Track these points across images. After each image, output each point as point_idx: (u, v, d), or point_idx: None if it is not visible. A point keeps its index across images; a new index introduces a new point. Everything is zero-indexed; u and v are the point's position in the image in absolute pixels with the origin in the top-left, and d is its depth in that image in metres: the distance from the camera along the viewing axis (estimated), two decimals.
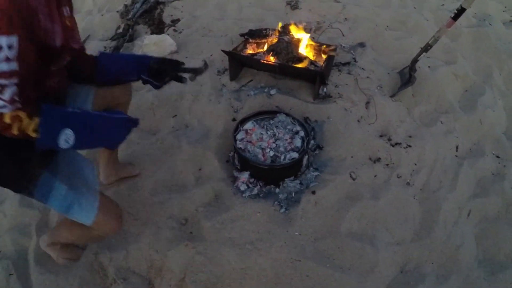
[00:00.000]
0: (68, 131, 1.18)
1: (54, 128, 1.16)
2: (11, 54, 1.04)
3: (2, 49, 1.02)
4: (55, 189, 1.38)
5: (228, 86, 2.69)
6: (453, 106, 2.56)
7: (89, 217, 1.43)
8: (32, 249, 1.97)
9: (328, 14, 3.36)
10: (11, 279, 1.89)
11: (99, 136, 1.30)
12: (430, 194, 2.07)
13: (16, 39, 1.05)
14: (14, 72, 1.06)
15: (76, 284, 1.78)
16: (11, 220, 2.16)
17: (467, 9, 2.21)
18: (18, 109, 1.09)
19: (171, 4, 3.65)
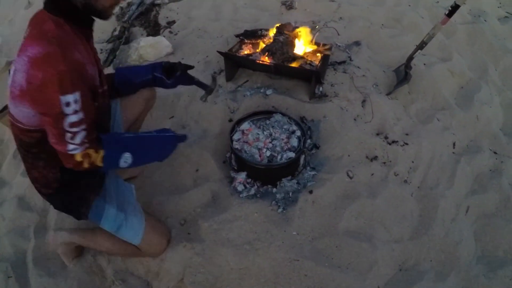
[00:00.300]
0: (127, 154, 1.46)
1: (116, 155, 1.44)
2: (78, 107, 1.25)
3: (70, 104, 1.22)
4: (106, 211, 1.60)
5: (224, 87, 2.69)
6: (449, 103, 2.56)
7: (136, 236, 1.65)
8: (31, 252, 1.97)
9: (323, 14, 3.36)
10: (9, 282, 1.89)
11: (151, 153, 1.59)
12: (428, 191, 2.07)
13: (78, 94, 1.24)
14: (81, 120, 1.28)
15: (75, 286, 1.79)
16: (10, 223, 2.16)
17: (461, 6, 2.21)
18: (87, 148, 1.33)
19: (166, 6, 3.65)
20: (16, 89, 1.25)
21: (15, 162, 2.57)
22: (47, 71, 1.18)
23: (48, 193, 1.55)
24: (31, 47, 1.22)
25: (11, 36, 3.89)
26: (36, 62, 1.20)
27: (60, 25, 1.28)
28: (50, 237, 1.84)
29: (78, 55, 1.30)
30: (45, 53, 1.20)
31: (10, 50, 3.72)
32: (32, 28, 1.31)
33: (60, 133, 1.27)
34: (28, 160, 1.48)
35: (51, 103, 1.21)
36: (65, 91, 1.21)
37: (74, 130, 1.28)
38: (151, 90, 1.97)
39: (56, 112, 1.23)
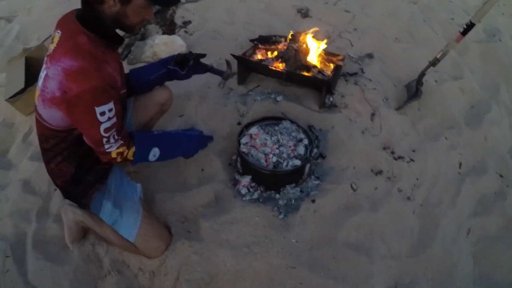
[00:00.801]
0: (155, 149, 1.66)
1: (146, 150, 1.64)
2: (111, 114, 1.40)
3: (105, 113, 1.37)
4: (103, 205, 1.71)
5: (236, 90, 2.71)
6: (458, 121, 2.56)
7: (130, 234, 1.72)
8: (31, 235, 2.00)
9: (338, 24, 3.37)
10: (7, 261, 1.92)
11: (177, 149, 1.81)
12: (430, 209, 2.07)
13: (112, 103, 1.39)
14: (114, 124, 1.44)
15: (71, 272, 1.81)
16: (13, 205, 2.20)
17: (476, 24, 2.20)
18: (121, 145, 1.51)
19: (183, 6, 3.68)
20: (48, 94, 1.37)
21: (23, 146, 2.61)
22: (82, 85, 1.30)
23: (60, 184, 1.71)
24: (65, 59, 1.31)
25: (29, 24, 3.95)
26: (71, 75, 1.30)
27: (92, 40, 1.38)
28: (63, 210, 1.88)
29: (109, 68, 1.41)
30: (80, 68, 1.30)
31: (27, 38, 3.78)
32: (63, 37, 1.40)
33: (96, 137, 1.44)
34: (49, 153, 1.61)
35: (87, 113, 1.35)
36: (100, 102, 1.35)
37: (108, 134, 1.44)
38: (166, 94, 2.04)
39: (91, 120, 1.37)
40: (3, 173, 2.44)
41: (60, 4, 4.12)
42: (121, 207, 1.72)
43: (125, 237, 1.72)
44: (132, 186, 1.83)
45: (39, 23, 3.91)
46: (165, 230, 1.86)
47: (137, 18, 1.46)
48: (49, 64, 1.36)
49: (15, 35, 3.82)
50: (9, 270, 1.89)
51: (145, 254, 1.79)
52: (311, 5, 3.61)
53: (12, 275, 1.87)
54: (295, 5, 3.61)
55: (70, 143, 1.56)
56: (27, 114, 2.84)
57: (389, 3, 3.66)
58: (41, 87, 1.42)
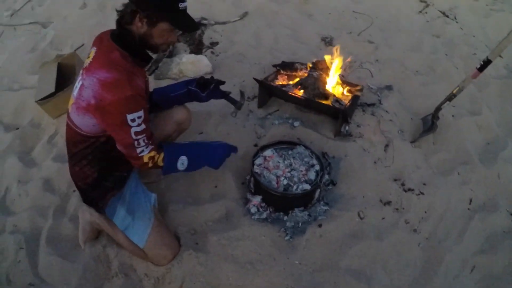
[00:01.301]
0: (183, 157, 1.79)
1: (174, 157, 1.77)
2: (141, 120, 1.57)
3: (135, 120, 1.55)
4: (117, 211, 1.85)
5: (255, 113, 2.83)
6: (472, 157, 2.57)
7: (140, 240, 1.84)
8: (46, 230, 2.14)
9: (360, 54, 3.45)
10: (20, 253, 2.07)
11: (204, 159, 1.90)
12: (436, 243, 2.09)
13: (142, 111, 1.57)
14: (144, 130, 1.60)
15: (80, 269, 1.93)
16: (32, 200, 2.36)
17: (493, 61, 2.24)
18: (152, 150, 1.66)
19: (212, 27, 3.86)
20: (84, 102, 1.54)
21: (48, 147, 2.79)
22: (116, 95, 1.48)
23: (81, 186, 1.86)
24: (101, 71, 1.52)
25: (63, 31, 4.19)
26: (106, 85, 1.49)
27: (124, 57, 1.59)
28: (80, 210, 2.01)
29: (139, 81, 1.62)
30: (114, 79, 1.50)
31: (60, 43, 4.02)
32: (99, 53, 1.61)
33: (128, 141, 1.60)
34: (75, 157, 1.76)
35: (119, 119, 1.53)
36: (131, 110, 1.53)
37: (139, 137, 1.60)
38: (185, 113, 2.17)
39: (123, 126, 1.54)
40: (26, 169, 2.62)
41: (94, 15, 4.37)
42: (134, 214, 1.85)
43: (135, 242, 1.83)
44: (147, 195, 1.96)
45: (73, 31, 4.14)
46: (174, 240, 1.95)
47: (161, 39, 1.64)
48: (85, 75, 1.56)
49: (50, 41, 4.06)
50: (21, 261, 2.03)
51: (153, 261, 1.89)
52: (336, 34, 3.72)
53: (23, 266, 2.01)
54: (320, 33, 3.73)
55: (96, 148, 1.72)
56: (55, 117, 3.02)
57: (413, 36, 3.73)
58: (76, 96, 1.60)
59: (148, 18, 1.55)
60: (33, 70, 3.64)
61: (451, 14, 4.10)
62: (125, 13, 1.59)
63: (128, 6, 1.58)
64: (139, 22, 1.56)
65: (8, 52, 4.17)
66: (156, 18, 1.56)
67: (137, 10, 1.54)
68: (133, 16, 1.56)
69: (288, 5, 4.18)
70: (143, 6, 1.53)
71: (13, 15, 4.92)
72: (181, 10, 1.59)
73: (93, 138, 1.68)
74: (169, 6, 1.55)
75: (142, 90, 1.62)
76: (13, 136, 2.94)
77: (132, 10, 1.56)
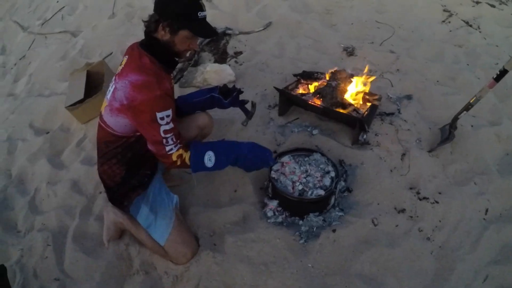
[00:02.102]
0: (210, 152, 1.85)
1: (201, 152, 1.84)
2: (169, 119, 1.71)
3: (164, 118, 1.68)
4: (141, 209, 1.99)
5: (276, 121, 2.93)
6: (490, 168, 2.57)
7: (162, 238, 1.97)
8: (72, 229, 2.32)
9: (381, 64, 3.50)
10: (47, 249, 2.25)
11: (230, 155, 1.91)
12: (449, 252, 2.11)
13: (170, 110, 1.71)
14: (172, 128, 1.73)
15: (104, 266, 2.08)
16: (60, 200, 2.56)
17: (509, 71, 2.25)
18: (180, 148, 1.77)
19: (236, 36, 4.00)
20: (117, 103, 1.70)
21: (76, 150, 3.00)
22: (146, 95, 1.63)
23: (109, 184, 2.00)
24: (132, 74, 1.67)
25: (93, 40, 4.43)
26: (137, 87, 1.64)
27: (153, 62, 1.74)
28: (105, 210, 2.16)
29: (167, 83, 1.76)
30: (144, 81, 1.65)
31: (89, 52, 4.26)
32: (130, 60, 1.76)
33: (157, 138, 1.71)
34: (106, 156, 1.91)
35: (149, 117, 1.66)
36: (160, 108, 1.66)
37: (168, 135, 1.72)
38: (207, 119, 2.30)
39: (152, 123, 1.67)
40: (55, 171, 2.83)
41: (122, 25, 4.59)
42: (156, 213, 1.99)
43: (157, 240, 1.97)
44: (169, 196, 2.09)
45: (102, 40, 4.36)
46: (194, 240, 2.08)
47: (183, 46, 1.78)
48: (118, 79, 1.72)
49: (79, 49, 4.31)
50: (48, 257, 2.22)
51: (172, 259, 2.02)
52: (357, 44, 3.78)
53: (49, 261, 2.19)
54: (342, 43, 3.80)
55: (125, 148, 1.87)
56: (83, 122, 3.22)
57: (435, 46, 3.74)
58: (110, 99, 1.76)
59: (170, 27, 1.70)
60: (63, 77, 3.88)
61: (474, 24, 4.08)
62: (150, 23, 1.74)
63: (153, 16, 1.74)
64: (162, 31, 1.72)
65: (40, 59, 4.45)
66: (177, 27, 1.70)
67: (160, 19, 1.70)
68: (157, 25, 1.72)
69: (312, 15, 4.28)
70: (165, 16, 1.69)
71: (44, 24, 5.22)
72: (200, 18, 1.73)
73: (124, 138, 1.84)
74: (189, 15, 1.69)
75: (170, 90, 1.76)
76: (44, 139, 3.16)
77: (156, 20, 1.72)
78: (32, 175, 2.92)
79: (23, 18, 5.67)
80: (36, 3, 5.88)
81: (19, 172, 2.99)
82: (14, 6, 6.16)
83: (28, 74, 4.36)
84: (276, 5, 4.44)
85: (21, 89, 4.16)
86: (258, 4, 4.49)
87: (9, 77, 4.55)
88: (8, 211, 2.67)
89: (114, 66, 3.60)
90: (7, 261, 2.29)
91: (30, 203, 2.66)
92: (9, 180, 2.95)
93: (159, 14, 1.71)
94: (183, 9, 1.67)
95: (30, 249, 2.31)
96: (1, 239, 2.45)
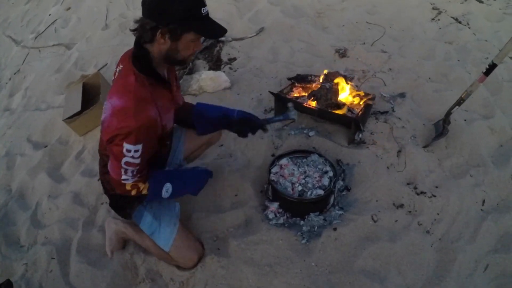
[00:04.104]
0: (168, 185, 1.78)
1: (159, 184, 1.75)
2: (137, 154, 1.54)
3: (130, 151, 1.52)
4: (144, 216, 1.94)
5: (272, 125, 2.96)
6: (485, 160, 2.61)
7: (166, 244, 1.94)
8: (76, 241, 2.34)
9: (374, 64, 3.55)
10: (52, 262, 2.27)
11: (188, 184, 1.95)
12: (448, 244, 2.15)
13: (141, 146, 1.53)
14: (136, 164, 1.58)
15: (109, 276, 2.10)
16: (62, 213, 2.58)
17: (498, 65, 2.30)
18: (136, 181, 1.65)
19: (229, 43, 4.04)
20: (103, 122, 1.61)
21: (76, 163, 3.02)
22: (120, 123, 1.48)
23: (111, 193, 1.95)
24: (114, 96, 1.52)
25: (87, 52, 4.46)
26: (115, 112, 1.50)
27: (140, 81, 1.55)
28: (107, 222, 2.18)
29: (152, 111, 1.55)
30: (122, 108, 1.49)
31: (84, 64, 4.29)
32: (119, 75, 1.63)
33: (117, 165, 1.58)
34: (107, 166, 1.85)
35: (116, 146, 1.52)
36: (129, 141, 1.50)
37: (128, 168, 1.58)
38: (218, 134, 2.35)
39: (118, 153, 1.53)
40: (55, 185, 2.85)
41: (116, 36, 4.62)
42: (160, 219, 1.97)
43: (161, 246, 1.96)
44: (171, 204, 2.08)
45: (96, 51, 4.39)
46: (198, 243, 2.10)
47: (188, 51, 1.58)
48: (107, 97, 1.58)
49: (74, 62, 4.34)
50: (53, 270, 2.24)
51: (179, 264, 2.03)
52: (349, 45, 3.83)
53: (55, 274, 2.21)
54: (334, 45, 3.85)
55: None
56: (82, 134, 3.24)
57: (426, 44, 3.79)
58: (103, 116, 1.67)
59: (171, 33, 1.48)
60: (60, 90, 3.91)
61: (463, 20, 4.14)
62: (144, 32, 1.51)
63: (145, 23, 1.49)
64: (161, 39, 1.50)
65: (35, 73, 4.48)
66: (180, 31, 1.49)
67: (157, 26, 1.47)
68: (153, 33, 1.49)
69: (303, 19, 4.33)
70: (163, 21, 1.45)
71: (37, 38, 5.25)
72: (204, 15, 1.51)
73: None
74: (192, 14, 1.47)
75: (152, 122, 1.56)
76: (43, 153, 3.19)
77: (151, 28, 1.48)
78: (33, 189, 2.94)
79: (16, 32, 5.70)
80: (29, 17, 5.91)
81: (19, 187, 3.00)
82: (6, 21, 6.20)
83: (23, 88, 4.39)
84: (268, 11, 4.49)
85: (17, 103, 4.18)
86: (250, 11, 4.54)
87: (4, 92, 4.57)
88: (10, 226, 2.69)
89: (110, 77, 3.61)
90: (11, 276, 2.31)
91: (32, 217, 2.68)
92: (9, 195, 2.97)
93: (155, 20, 1.46)
94: (185, 9, 1.44)
95: (34, 263, 2.33)
96: (5, 255, 2.47)
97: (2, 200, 2.92)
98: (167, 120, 1.72)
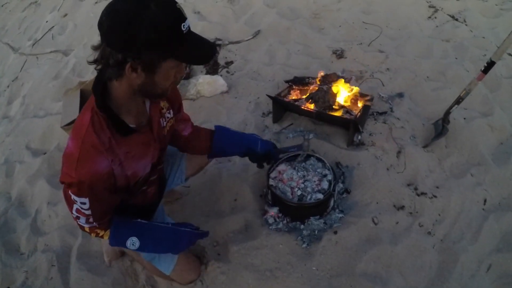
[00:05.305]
0: (133, 238, 1.53)
1: (122, 236, 1.53)
2: (85, 206, 1.35)
3: (77, 202, 1.34)
4: None
5: (271, 128, 2.96)
6: (485, 158, 2.60)
7: (167, 269, 1.84)
8: (76, 248, 2.33)
9: (371, 64, 3.53)
10: (52, 270, 2.26)
11: (163, 243, 1.63)
12: (450, 245, 2.13)
13: (87, 200, 1.33)
14: (88, 214, 1.40)
15: (110, 283, 2.10)
16: (62, 220, 2.57)
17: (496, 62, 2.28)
18: (94, 227, 1.48)
19: (226, 47, 4.03)
20: None
21: None
22: (65, 169, 1.32)
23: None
24: (70, 136, 1.32)
25: (84, 58, 4.41)
26: (64, 155, 1.32)
27: (97, 122, 1.28)
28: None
29: (103, 163, 1.30)
30: (69, 153, 1.29)
31: (82, 70, 4.28)
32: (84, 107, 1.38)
33: (69, 209, 1.42)
34: None
35: (65, 190, 1.36)
36: (72, 192, 1.32)
37: (79, 215, 1.41)
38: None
39: (67, 196, 1.36)
40: (54, 192, 2.83)
41: None
42: None
43: (162, 271, 1.85)
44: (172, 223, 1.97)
45: None
46: (198, 263, 2.06)
47: (168, 81, 1.27)
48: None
49: (71, 68, 4.33)
50: (53, 277, 2.23)
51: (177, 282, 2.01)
52: (346, 46, 3.81)
53: (55, 282, 2.21)
54: (330, 46, 3.84)
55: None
56: None
57: (423, 42, 3.78)
58: None
59: (144, 64, 1.16)
60: (57, 97, 3.89)
61: (460, 17, 4.12)
62: (110, 68, 1.18)
63: (108, 55, 1.14)
64: (132, 73, 1.17)
65: (33, 80, 4.47)
66: (157, 60, 1.17)
67: (125, 59, 1.13)
68: (120, 68, 1.16)
69: (299, 20, 4.31)
70: (132, 52, 1.11)
71: (35, 45, 5.24)
72: (185, 33, 1.16)
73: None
74: (168, 36, 1.12)
75: (98, 175, 1.29)
76: (42, 160, 3.17)
77: (117, 61, 1.14)
78: (32, 197, 2.93)
79: (13, 40, 5.69)
80: (26, 24, 5.90)
81: (18, 194, 2.99)
82: (4, 28, 6.19)
83: (21, 95, 4.38)
84: (263, 13, 4.48)
85: (15, 111, 4.17)
86: (246, 13, 4.53)
87: (2, 100, 4.56)
88: (10, 234, 2.67)
89: None
90: (12, 284, 2.30)
91: (31, 225, 2.67)
92: (9, 203, 2.95)
93: (121, 51, 1.12)
94: (159, 31, 1.08)
95: (35, 271, 2.32)
96: (5, 262, 2.46)
97: (1, 208, 2.90)
98: (137, 168, 1.47)
